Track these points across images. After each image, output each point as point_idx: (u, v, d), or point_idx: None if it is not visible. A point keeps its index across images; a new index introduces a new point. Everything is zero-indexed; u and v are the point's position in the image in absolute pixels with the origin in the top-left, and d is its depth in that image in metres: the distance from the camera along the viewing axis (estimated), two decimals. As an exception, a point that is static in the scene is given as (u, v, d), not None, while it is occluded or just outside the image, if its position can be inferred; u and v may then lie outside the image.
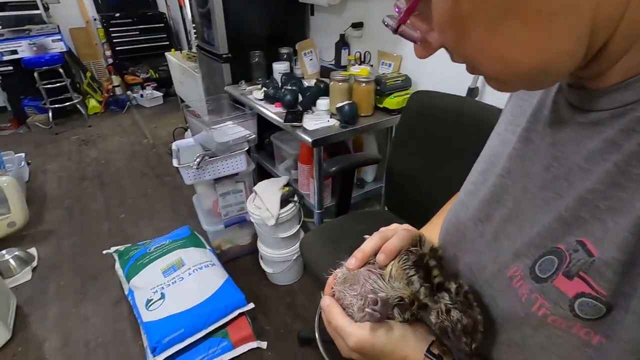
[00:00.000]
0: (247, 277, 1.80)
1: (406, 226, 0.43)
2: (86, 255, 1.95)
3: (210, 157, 1.52)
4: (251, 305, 1.49)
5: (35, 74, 3.36)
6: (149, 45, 4.29)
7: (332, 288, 0.41)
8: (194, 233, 1.82)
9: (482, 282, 0.35)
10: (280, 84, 1.70)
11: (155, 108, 4.16)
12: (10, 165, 2.45)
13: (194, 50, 2.79)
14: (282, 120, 1.40)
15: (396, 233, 0.41)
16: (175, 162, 1.51)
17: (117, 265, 1.70)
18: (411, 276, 0.37)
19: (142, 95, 4.16)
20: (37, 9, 3.66)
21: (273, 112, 1.50)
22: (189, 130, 2.83)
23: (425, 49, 0.29)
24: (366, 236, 0.42)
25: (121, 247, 1.82)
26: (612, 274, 0.24)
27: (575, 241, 0.26)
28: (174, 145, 1.65)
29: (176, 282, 1.50)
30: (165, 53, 3.12)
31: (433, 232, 0.48)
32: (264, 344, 1.45)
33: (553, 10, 0.22)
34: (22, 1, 3.61)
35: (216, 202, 1.73)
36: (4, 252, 1.83)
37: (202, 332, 1.37)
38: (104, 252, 1.85)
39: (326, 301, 0.40)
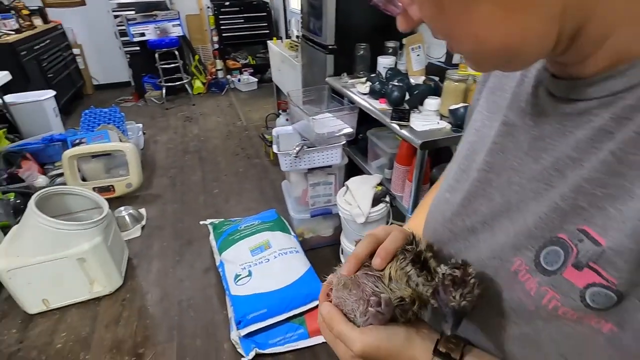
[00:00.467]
0: (326, 269, 1.78)
1: (397, 226, 0.42)
2: (185, 222, 2.16)
3: (308, 147, 1.54)
4: (330, 299, 1.50)
5: (156, 55, 3.79)
6: (251, 32, 4.53)
7: (329, 295, 0.41)
8: (280, 217, 1.88)
9: (486, 279, 0.33)
10: (385, 79, 1.65)
11: (250, 92, 4.42)
12: (131, 134, 2.80)
13: (294, 39, 2.87)
14: (387, 119, 1.35)
15: (390, 234, 0.39)
16: (275, 148, 1.56)
17: (212, 237, 1.85)
18: (409, 272, 0.36)
19: (239, 80, 4.44)
20: (163, -4, 4.11)
21: (377, 109, 1.46)
22: (280, 117, 2.94)
23: (407, 22, 0.29)
24: (356, 240, 0.42)
25: (216, 221, 1.97)
26: (623, 263, 0.24)
27: (576, 230, 0.26)
28: (274, 132, 1.71)
29: (262, 263, 1.57)
30: (267, 41, 3.27)
31: (418, 227, 0.47)
32: (338, 339, 1.44)
33: None
34: (152, -11, 4.09)
35: (305, 191, 1.77)
36: (121, 209, 2.11)
37: (282, 316, 1.41)
38: (201, 222, 2.02)
39: (325, 308, 0.39)
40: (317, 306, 1.69)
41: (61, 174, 2.30)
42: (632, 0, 0.23)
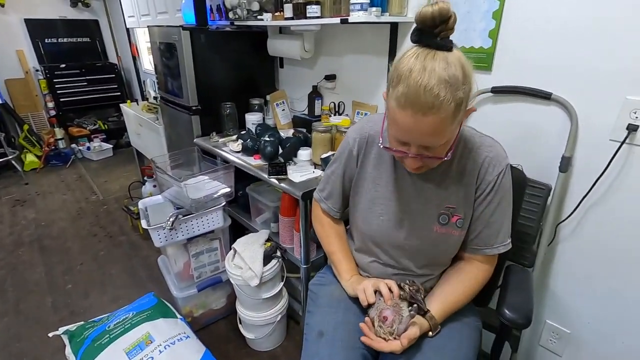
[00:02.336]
0: (224, 346, 1.61)
1: (373, 284, 0.85)
2: (23, 339, 1.63)
3: (184, 216, 1.40)
4: (235, 382, 1.31)
5: (-38, 129, 2.99)
6: (99, 96, 4.08)
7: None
8: (161, 301, 1.61)
9: (426, 241, 0.84)
10: (256, 135, 1.66)
11: (104, 161, 3.87)
12: None
13: (151, 101, 2.70)
14: (265, 174, 1.34)
15: (383, 284, 0.82)
16: (144, 224, 1.36)
17: (68, 350, 1.43)
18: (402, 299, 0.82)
19: (89, 148, 3.87)
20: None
21: (253, 165, 1.44)
22: (146, 184, 2.64)
23: (418, 162, 0.73)
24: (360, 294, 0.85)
25: (72, 327, 1.55)
26: (463, 212, 0.82)
27: (445, 207, 0.81)
28: (140, 204, 1.50)
29: (144, 364, 1.28)
30: (121, 104, 2.97)
31: (354, 269, 0.95)
32: None
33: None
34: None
35: (187, 263, 1.57)
36: None
37: None
38: (51, 334, 1.55)
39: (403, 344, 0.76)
40: None
41: None
42: None
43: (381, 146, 0.76)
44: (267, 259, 1.43)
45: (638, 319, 1.06)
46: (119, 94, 4.12)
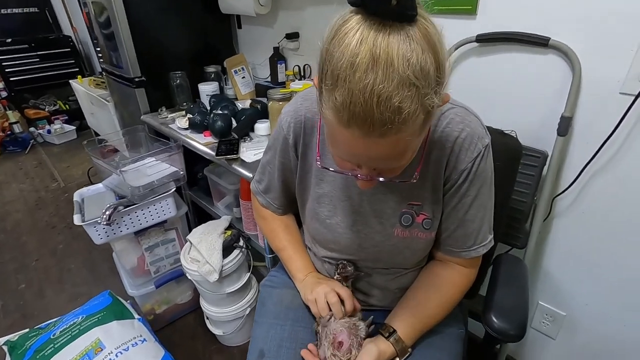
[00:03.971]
0: (191, 343, 1.48)
1: (328, 284, 0.71)
2: (-33, 351, 1.47)
3: (125, 207, 1.20)
4: (198, 387, 1.19)
5: None
6: (55, 73, 3.73)
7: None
8: (116, 300, 1.44)
9: (385, 247, 0.67)
10: (209, 109, 1.44)
11: (67, 144, 3.59)
12: None
13: (97, 75, 2.41)
14: (213, 153, 1.14)
15: (333, 289, 0.69)
16: (77, 219, 1.16)
17: (8, 364, 1.28)
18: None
19: (49, 131, 3.57)
20: None
21: (202, 143, 1.24)
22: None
23: (371, 183, 0.53)
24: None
25: (14, 336, 1.38)
26: (431, 210, 0.63)
27: (408, 204, 0.63)
28: (76, 196, 1.30)
29: (92, 376, 1.14)
30: (71, 81, 2.68)
31: (308, 263, 0.78)
32: None
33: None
34: None
35: (141, 257, 1.40)
36: None
37: None
38: (-10, 345, 1.40)
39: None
40: None
41: None
42: None
43: (319, 165, 0.57)
44: (227, 250, 1.26)
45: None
46: (77, 69, 3.76)
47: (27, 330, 1.38)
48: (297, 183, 0.71)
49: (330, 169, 0.55)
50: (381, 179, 0.50)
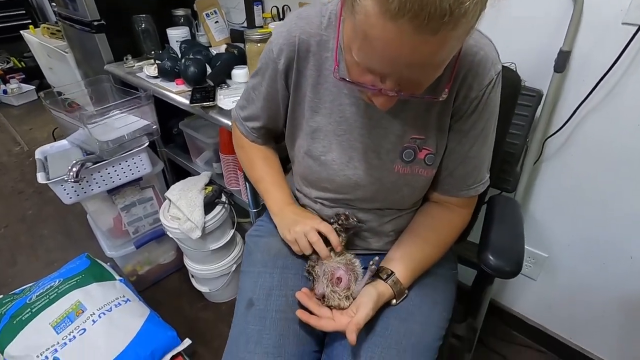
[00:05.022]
0: (177, 302, 1.46)
1: (311, 221, 0.66)
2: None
3: (94, 163, 1.11)
4: (187, 342, 1.17)
5: None
6: (4, 25, 3.36)
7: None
8: (95, 262, 1.39)
9: (384, 185, 0.62)
10: (179, 55, 1.32)
11: (27, 105, 3.32)
12: None
13: (51, 23, 2.17)
14: (187, 102, 1.05)
15: (317, 227, 0.64)
16: (40, 178, 1.07)
17: (-17, 330, 1.22)
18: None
19: (5, 91, 3.28)
20: None
21: (174, 92, 1.13)
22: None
23: (391, 101, 0.46)
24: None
25: (-14, 303, 1.32)
26: (435, 144, 0.58)
27: (410, 138, 0.58)
28: (37, 153, 1.19)
29: (76, 338, 1.10)
30: (22, 32, 2.41)
31: (288, 197, 0.72)
32: (211, 386, 1.16)
33: None
34: None
35: (118, 218, 1.33)
36: None
37: (122, 399, 1.02)
38: (-39, 313, 1.33)
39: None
40: (172, 358, 1.27)
41: None
42: None
43: (337, 77, 0.48)
44: (209, 206, 1.21)
45: (623, 237, 0.95)
46: (28, 21, 3.39)
47: (0, 296, 1.32)
48: (288, 117, 0.65)
49: (347, 79, 0.46)
50: (404, 97, 0.44)
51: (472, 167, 0.60)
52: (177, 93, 1.12)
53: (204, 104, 1.00)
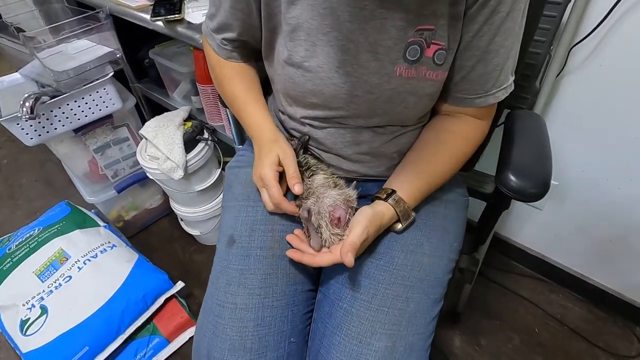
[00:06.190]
0: (170, 246, 1.41)
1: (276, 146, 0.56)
2: None
3: (52, 98, 0.97)
4: (180, 285, 1.14)
5: None
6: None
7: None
8: (76, 209, 1.31)
9: (383, 93, 0.50)
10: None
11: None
12: None
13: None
14: (148, 17, 0.88)
15: (280, 159, 0.54)
16: (-9, 115, 0.94)
17: (-35, 282, 1.18)
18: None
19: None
20: None
21: (134, 8, 0.95)
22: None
23: None
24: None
25: (-35, 254, 1.26)
26: (446, 36, 0.45)
27: (416, 30, 0.45)
28: (-14, 88, 1.04)
29: (62, 285, 1.06)
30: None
31: (266, 119, 0.60)
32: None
33: None
34: None
35: (93, 161, 1.22)
36: None
37: (117, 341, 1.01)
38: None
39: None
40: (166, 301, 1.23)
41: None
42: None
43: None
44: (190, 144, 1.10)
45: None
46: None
47: (-22, 247, 1.25)
48: (262, 19, 0.52)
49: None
50: None
51: (493, 65, 0.47)
52: (138, 9, 0.95)
53: (168, 17, 0.84)
